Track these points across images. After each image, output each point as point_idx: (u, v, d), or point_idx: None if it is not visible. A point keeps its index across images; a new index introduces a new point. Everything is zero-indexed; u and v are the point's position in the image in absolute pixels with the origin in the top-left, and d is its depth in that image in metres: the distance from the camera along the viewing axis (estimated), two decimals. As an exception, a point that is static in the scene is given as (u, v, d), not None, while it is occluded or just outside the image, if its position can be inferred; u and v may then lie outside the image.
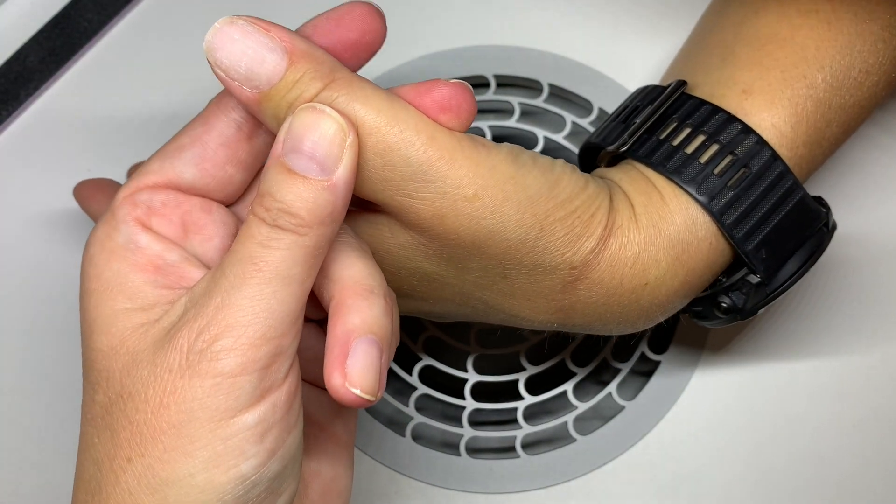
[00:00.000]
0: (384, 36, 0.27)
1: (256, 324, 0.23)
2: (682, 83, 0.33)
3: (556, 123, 0.42)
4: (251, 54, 0.24)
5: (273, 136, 0.25)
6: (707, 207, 0.30)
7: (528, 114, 0.43)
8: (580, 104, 0.43)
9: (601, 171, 0.33)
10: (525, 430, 0.39)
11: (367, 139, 0.25)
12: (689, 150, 0.30)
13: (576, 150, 0.42)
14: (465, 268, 0.28)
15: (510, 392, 0.39)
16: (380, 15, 0.27)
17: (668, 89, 0.32)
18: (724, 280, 0.32)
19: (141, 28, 0.45)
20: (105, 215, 0.26)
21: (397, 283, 0.29)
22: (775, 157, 0.31)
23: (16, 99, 0.43)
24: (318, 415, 0.29)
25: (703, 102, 0.32)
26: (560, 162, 0.29)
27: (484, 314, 0.31)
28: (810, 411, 0.39)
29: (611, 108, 0.42)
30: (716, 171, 0.30)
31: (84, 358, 0.26)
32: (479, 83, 0.43)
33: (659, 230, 0.30)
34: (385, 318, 0.25)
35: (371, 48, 0.27)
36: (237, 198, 0.28)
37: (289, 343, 0.24)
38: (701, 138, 0.31)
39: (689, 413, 0.39)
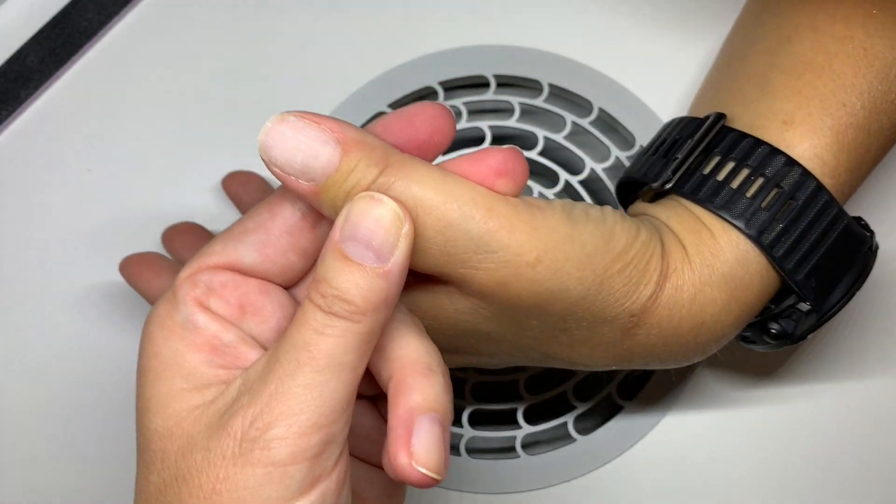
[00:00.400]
0: (452, 136, 0.27)
1: (308, 412, 0.24)
2: (722, 116, 0.32)
3: (556, 123, 0.42)
4: (305, 149, 0.24)
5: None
6: (757, 241, 0.30)
7: (528, 114, 0.43)
8: (580, 104, 0.43)
9: (644, 206, 0.33)
10: (525, 430, 0.39)
11: (426, 218, 0.25)
12: (735, 184, 0.31)
13: (576, 150, 0.42)
14: (525, 326, 0.29)
15: (510, 392, 0.39)
16: (450, 116, 0.27)
17: (708, 122, 0.32)
18: (773, 307, 0.32)
19: (141, 28, 0.45)
20: (166, 293, 0.27)
21: (455, 343, 0.30)
22: (820, 187, 0.31)
23: (16, 99, 0.43)
24: (367, 492, 0.29)
25: (744, 135, 0.32)
26: (609, 210, 0.29)
27: (540, 362, 0.32)
28: (812, 413, 0.39)
29: (611, 107, 0.42)
30: (763, 205, 0.30)
31: (139, 436, 0.26)
32: (479, 83, 0.43)
33: (713, 269, 0.30)
34: (445, 396, 0.25)
35: (439, 148, 0.27)
36: (296, 282, 0.28)
37: (339, 430, 0.24)
38: (745, 172, 0.31)
39: (688, 413, 0.39)
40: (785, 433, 0.38)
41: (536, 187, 0.42)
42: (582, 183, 0.41)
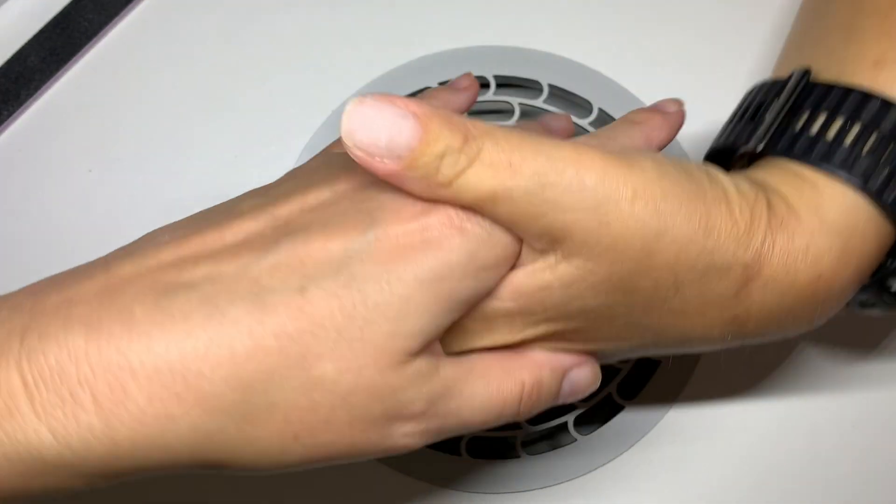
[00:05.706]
0: None
1: None
2: (807, 71, 0.31)
3: (556, 123, 0.42)
4: (389, 126, 0.25)
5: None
6: (864, 189, 0.28)
7: (528, 114, 0.43)
8: (580, 104, 0.43)
9: (740, 172, 0.31)
10: (525, 430, 0.39)
11: (519, 178, 0.25)
12: (830, 136, 0.29)
13: (576, 150, 0.42)
14: (634, 289, 0.28)
15: (510, 392, 0.39)
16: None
17: (793, 79, 0.31)
18: (891, 262, 0.30)
19: (141, 28, 0.45)
20: None
21: (561, 330, 0.29)
22: None
23: (16, 99, 0.43)
24: None
25: (832, 86, 0.30)
26: (699, 164, 0.29)
27: (652, 344, 0.30)
28: (809, 411, 0.39)
29: (611, 108, 0.42)
30: (864, 152, 0.29)
31: None
32: (479, 83, 0.43)
33: (821, 220, 0.28)
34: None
35: None
36: None
37: None
38: (840, 122, 0.29)
39: (688, 413, 0.39)
40: (785, 433, 0.38)
41: (536, 187, 0.42)
42: (582, 183, 0.41)
